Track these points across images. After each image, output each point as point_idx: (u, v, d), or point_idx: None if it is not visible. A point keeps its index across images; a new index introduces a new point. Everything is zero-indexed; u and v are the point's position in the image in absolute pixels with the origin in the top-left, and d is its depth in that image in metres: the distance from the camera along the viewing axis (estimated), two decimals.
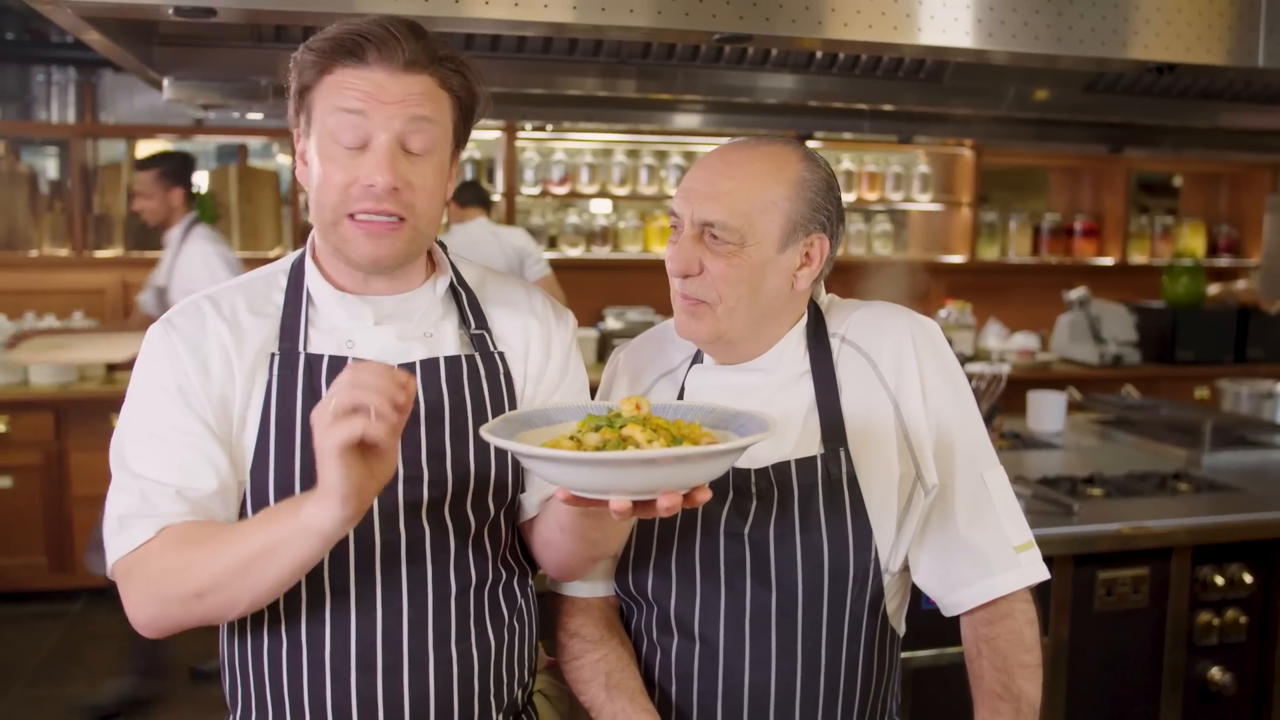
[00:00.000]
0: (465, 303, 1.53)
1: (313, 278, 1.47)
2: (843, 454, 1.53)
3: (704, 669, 1.56)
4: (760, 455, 1.53)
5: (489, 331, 1.53)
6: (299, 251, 1.52)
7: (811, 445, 1.55)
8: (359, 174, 1.34)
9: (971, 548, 1.56)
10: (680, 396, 1.64)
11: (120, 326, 5.03)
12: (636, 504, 1.17)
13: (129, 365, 1.51)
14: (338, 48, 1.33)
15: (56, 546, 5.05)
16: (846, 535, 1.52)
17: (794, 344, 1.60)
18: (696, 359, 1.66)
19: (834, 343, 1.60)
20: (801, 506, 1.52)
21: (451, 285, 1.53)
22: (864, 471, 1.54)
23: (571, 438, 1.22)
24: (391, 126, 1.34)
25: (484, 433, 1.19)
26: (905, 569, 1.60)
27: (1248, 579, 2.74)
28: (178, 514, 1.34)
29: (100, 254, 5.56)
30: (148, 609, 1.35)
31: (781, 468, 1.53)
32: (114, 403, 4.79)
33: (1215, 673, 2.73)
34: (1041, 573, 1.59)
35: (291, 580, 1.30)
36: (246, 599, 1.31)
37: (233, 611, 1.35)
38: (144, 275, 5.57)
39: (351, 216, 1.36)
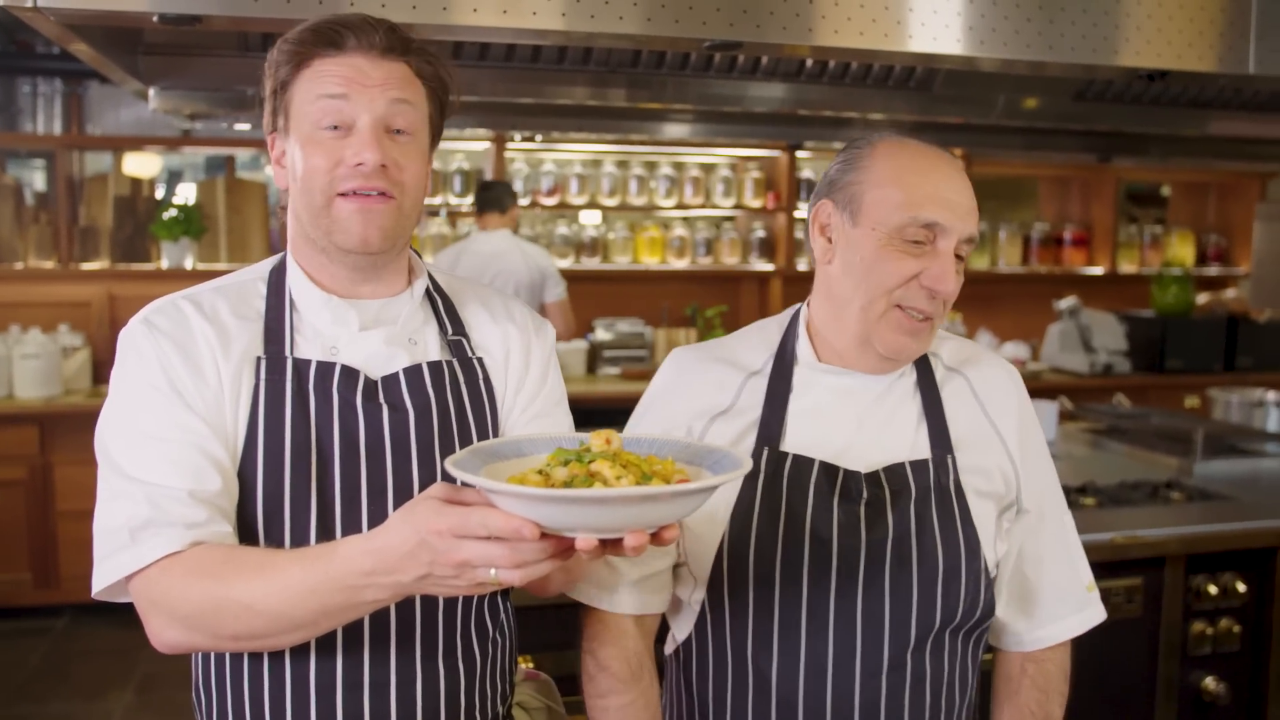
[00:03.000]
0: (442, 308, 1.52)
1: (296, 281, 1.45)
2: (950, 460, 1.53)
3: (810, 685, 1.49)
4: (871, 459, 1.52)
5: (466, 337, 1.51)
6: (275, 258, 1.50)
7: (920, 452, 1.54)
8: (344, 155, 1.36)
9: (1057, 585, 1.63)
10: (781, 392, 1.56)
11: None
12: (603, 542, 1.13)
13: None
14: (316, 37, 1.37)
15: (41, 562, 5.00)
16: (959, 541, 1.51)
17: None
18: (780, 357, 1.58)
19: (933, 360, 1.60)
20: (917, 509, 1.50)
21: (428, 291, 1.52)
22: (967, 483, 1.54)
23: (540, 471, 1.17)
24: (375, 108, 1.36)
25: (449, 465, 1.15)
26: None
27: (1241, 588, 2.73)
28: (196, 521, 1.30)
29: (87, 266, 5.53)
30: (172, 634, 1.29)
31: (896, 470, 1.51)
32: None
33: (1209, 683, 2.71)
34: (1103, 612, 1.67)
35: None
36: (288, 644, 1.30)
37: (268, 649, 1.35)
38: (131, 288, 5.57)
39: (342, 196, 1.37)
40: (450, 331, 1.50)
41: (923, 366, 1.59)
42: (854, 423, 1.54)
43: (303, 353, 1.41)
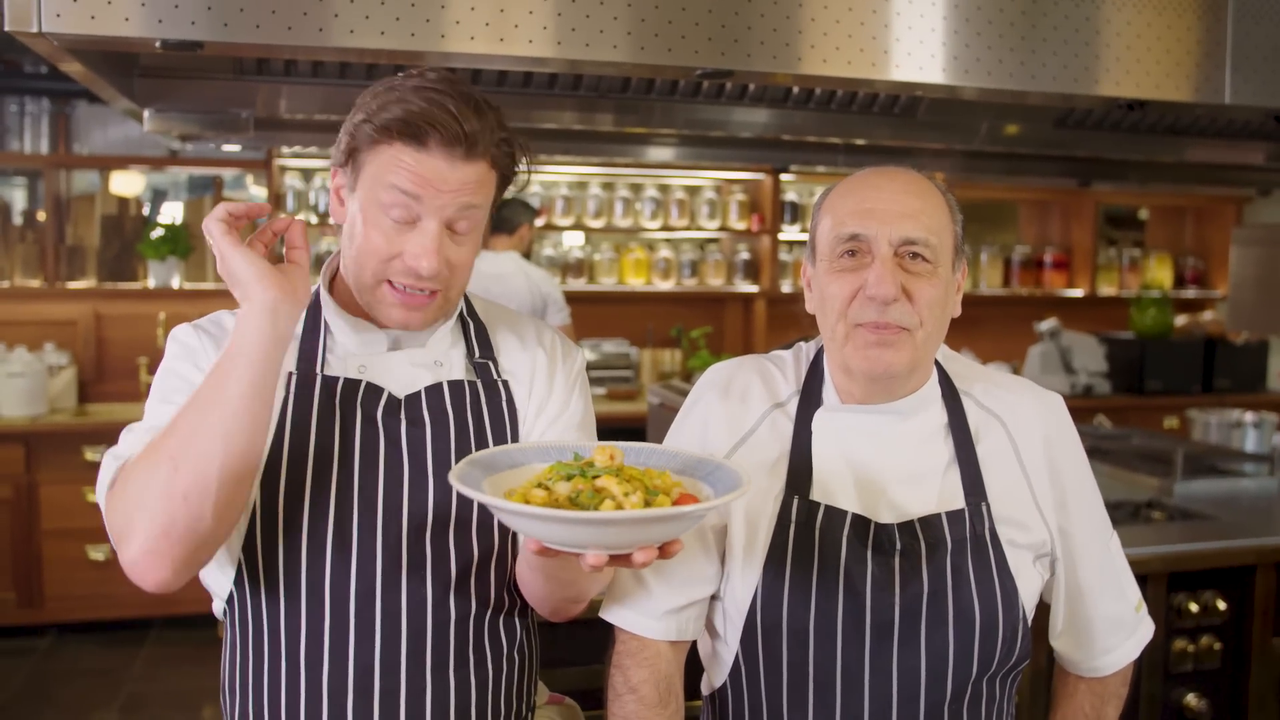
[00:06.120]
0: (472, 332, 1.56)
1: (329, 310, 1.50)
2: (984, 508, 1.51)
3: None
4: (902, 505, 1.50)
5: (494, 361, 1.55)
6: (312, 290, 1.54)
7: (953, 499, 1.52)
8: (404, 249, 1.39)
9: (1109, 617, 1.63)
10: (806, 437, 1.55)
11: None
12: (612, 557, 1.16)
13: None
14: (402, 128, 1.36)
15: (25, 581, 4.96)
16: (995, 592, 1.48)
17: (933, 392, 1.56)
18: (805, 397, 1.58)
19: (966, 401, 1.58)
20: (954, 562, 1.48)
21: (460, 315, 1.56)
22: (1002, 534, 1.52)
23: (540, 485, 1.19)
24: (443, 213, 1.39)
25: (452, 479, 1.18)
26: None
27: (1221, 606, 2.76)
28: None
29: (73, 285, 5.52)
30: (138, 541, 1.26)
31: (932, 521, 1.49)
32: (85, 436, 4.80)
33: (1191, 699, 2.74)
34: (1152, 625, 1.71)
35: (245, 435, 1.28)
36: (215, 467, 1.26)
37: (215, 502, 1.27)
38: (117, 307, 5.56)
39: (389, 283, 1.42)
40: (478, 354, 1.54)
41: (954, 407, 1.56)
42: (883, 467, 1.52)
43: (333, 370, 1.47)
